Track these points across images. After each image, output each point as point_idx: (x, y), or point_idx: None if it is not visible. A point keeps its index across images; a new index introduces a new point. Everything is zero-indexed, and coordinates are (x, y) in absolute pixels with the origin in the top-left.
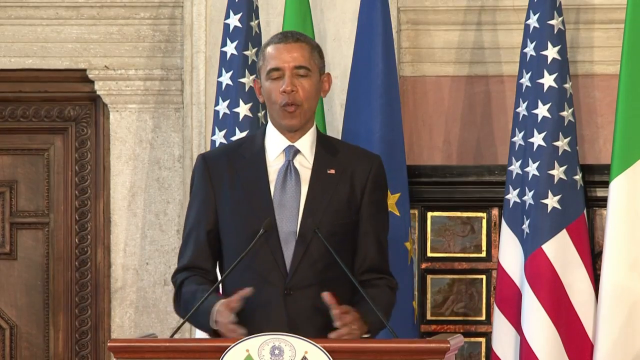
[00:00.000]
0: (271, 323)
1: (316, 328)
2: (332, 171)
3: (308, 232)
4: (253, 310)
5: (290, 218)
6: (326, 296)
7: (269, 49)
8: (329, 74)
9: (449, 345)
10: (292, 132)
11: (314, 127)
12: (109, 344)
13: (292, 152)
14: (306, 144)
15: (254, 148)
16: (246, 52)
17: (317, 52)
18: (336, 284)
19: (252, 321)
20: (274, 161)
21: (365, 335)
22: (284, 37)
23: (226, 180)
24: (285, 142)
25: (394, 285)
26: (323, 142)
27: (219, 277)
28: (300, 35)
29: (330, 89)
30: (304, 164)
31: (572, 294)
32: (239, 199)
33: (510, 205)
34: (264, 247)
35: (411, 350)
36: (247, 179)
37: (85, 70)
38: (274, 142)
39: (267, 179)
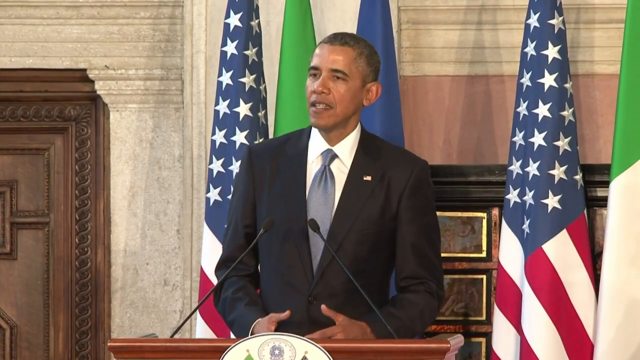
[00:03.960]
0: (293, 328)
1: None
2: (369, 178)
3: (336, 242)
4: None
5: (321, 224)
6: (324, 309)
7: (318, 47)
8: (377, 84)
9: (449, 345)
10: (325, 132)
11: (357, 130)
12: (109, 344)
13: (329, 157)
14: (345, 148)
15: (299, 147)
16: (246, 52)
17: (364, 58)
18: (364, 293)
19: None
20: (314, 163)
21: None
22: (333, 38)
23: (267, 176)
24: (325, 145)
25: (432, 290)
26: (366, 145)
27: (258, 269)
28: (351, 39)
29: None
30: (342, 169)
31: (572, 294)
32: (275, 197)
33: (511, 205)
34: (294, 252)
35: (411, 351)
36: (286, 178)
37: (85, 70)
38: (315, 144)
39: (305, 181)
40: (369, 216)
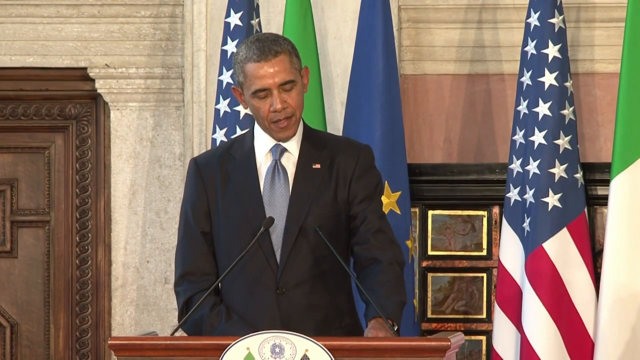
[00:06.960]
0: (264, 323)
1: (311, 326)
2: (318, 166)
3: (294, 229)
4: (247, 312)
5: (280, 217)
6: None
7: (250, 68)
8: (306, 68)
9: (449, 343)
10: (287, 141)
11: (300, 123)
12: (109, 342)
13: (278, 151)
14: (292, 141)
15: (244, 148)
16: None
17: (294, 55)
18: (330, 278)
19: (245, 322)
20: (263, 161)
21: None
22: (262, 53)
23: (218, 183)
24: (272, 141)
25: (399, 259)
26: (309, 137)
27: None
28: (275, 44)
29: (331, 87)
30: (292, 160)
31: (572, 293)
32: (230, 201)
33: (511, 204)
34: (257, 249)
35: (412, 349)
36: (238, 180)
37: (86, 68)
38: (262, 142)
39: (257, 179)
40: (323, 201)
